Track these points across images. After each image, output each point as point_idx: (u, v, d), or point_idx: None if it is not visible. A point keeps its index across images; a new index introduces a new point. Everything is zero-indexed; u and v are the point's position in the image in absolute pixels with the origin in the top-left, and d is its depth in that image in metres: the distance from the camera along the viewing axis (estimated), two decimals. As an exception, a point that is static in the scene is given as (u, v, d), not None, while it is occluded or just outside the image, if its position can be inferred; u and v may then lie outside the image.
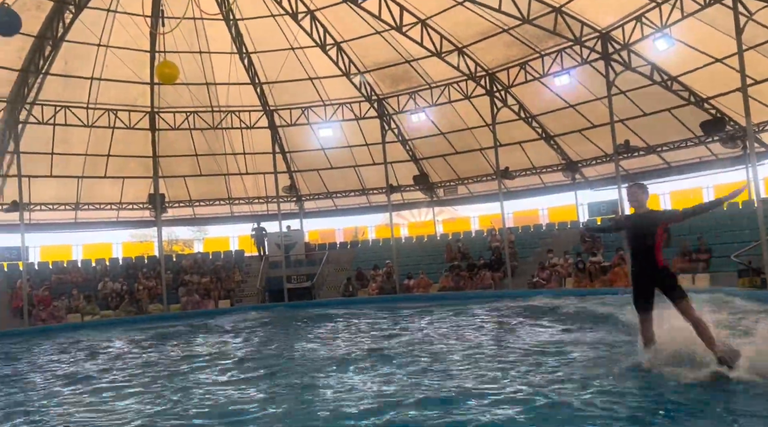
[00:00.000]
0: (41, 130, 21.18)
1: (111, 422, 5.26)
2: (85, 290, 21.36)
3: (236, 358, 8.70)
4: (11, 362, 10.77)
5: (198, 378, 7.19)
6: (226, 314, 18.54)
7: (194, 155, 24.59)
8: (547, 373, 5.96)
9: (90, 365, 9.27)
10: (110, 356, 10.40)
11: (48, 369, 9.28)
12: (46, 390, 7.23)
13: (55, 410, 5.90)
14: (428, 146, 24.57)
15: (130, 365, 8.88)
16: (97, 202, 24.32)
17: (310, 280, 23.44)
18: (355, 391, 5.69)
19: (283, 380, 6.55)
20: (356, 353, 8.19)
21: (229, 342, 11.31)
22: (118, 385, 7.18)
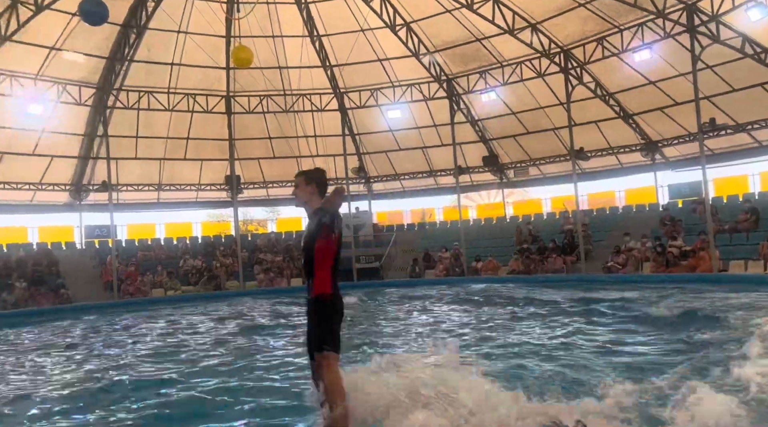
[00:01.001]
0: (127, 115, 22.41)
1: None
2: (168, 267, 22.59)
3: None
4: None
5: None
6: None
7: (267, 138, 25.29)
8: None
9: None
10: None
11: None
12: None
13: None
14: (498, 126, 24.10)
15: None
16: (177, 183, 25.52)
17: (378, 260, 23.74)
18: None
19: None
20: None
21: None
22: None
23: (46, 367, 7.82)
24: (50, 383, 6.55)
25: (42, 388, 6.31)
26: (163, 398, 5.46)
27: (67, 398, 5.68)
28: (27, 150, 21.63)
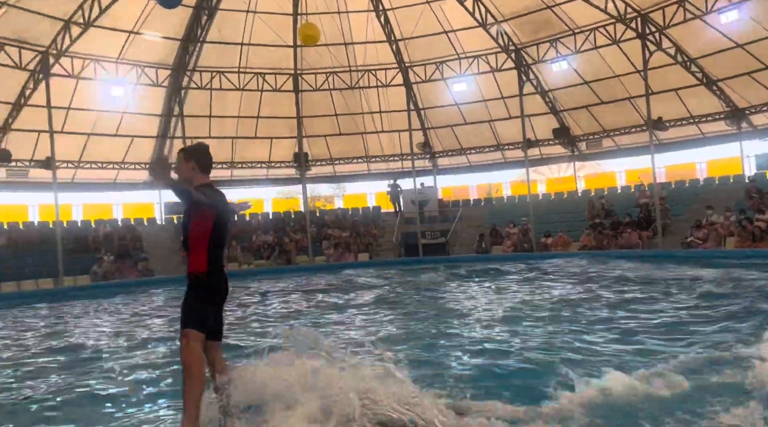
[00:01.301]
0: (200, 95, 23.21)
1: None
2: (242, 241, 23.46)
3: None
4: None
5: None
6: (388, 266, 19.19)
7: (334, 115, 25.55)
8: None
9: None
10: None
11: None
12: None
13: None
14: (570, 97, 23.25)
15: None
16: (249, 161, 26.30)
17: (444, 236, 23.66)
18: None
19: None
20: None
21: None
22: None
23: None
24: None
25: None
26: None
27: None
28: (110, 131, 22.87)
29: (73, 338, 8.29)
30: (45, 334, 8.93)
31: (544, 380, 4.28)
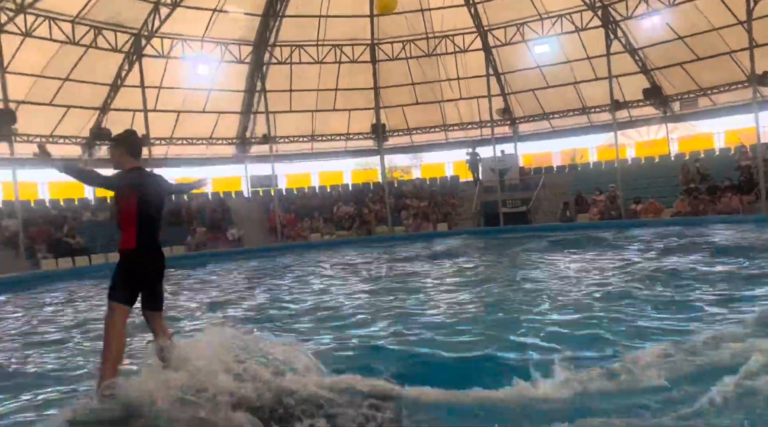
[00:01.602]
0: (281, 70, 23.71)
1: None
2: (323, 213, 24.04)
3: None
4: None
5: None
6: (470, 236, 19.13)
7: (411, 84, 25.35)
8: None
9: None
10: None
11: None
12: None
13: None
14: (662, 55, 21.78)
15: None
16: (328, 133, 26.72)
17: (525, 204, 23.12)
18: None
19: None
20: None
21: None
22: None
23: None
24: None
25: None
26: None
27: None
28: (198, 108, 23.90)
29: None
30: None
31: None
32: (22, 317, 8.56)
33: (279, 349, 3.96)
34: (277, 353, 3.88)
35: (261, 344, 4.06)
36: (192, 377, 3.49)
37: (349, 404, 3.25)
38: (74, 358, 5.43)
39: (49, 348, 5.95)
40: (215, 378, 3.46)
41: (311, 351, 4.30)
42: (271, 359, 3.81)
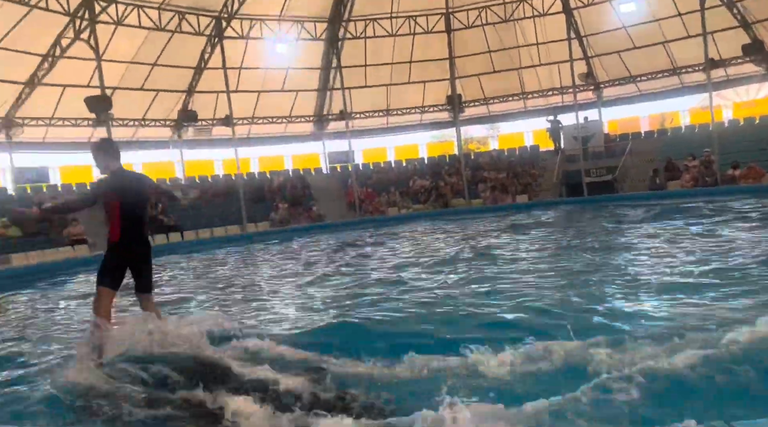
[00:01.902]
0: (355, 45, 23.75)
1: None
2: (400, 187, 24.12)
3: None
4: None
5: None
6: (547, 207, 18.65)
7: (487, 52, 24.70)
8: None
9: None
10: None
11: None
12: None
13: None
14: (766, 6, 19.94)
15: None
16: (403, 107, 26.62)
17: (611, 173, 22.13)
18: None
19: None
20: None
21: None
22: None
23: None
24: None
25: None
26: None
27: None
28: (277, 87, 24.46)
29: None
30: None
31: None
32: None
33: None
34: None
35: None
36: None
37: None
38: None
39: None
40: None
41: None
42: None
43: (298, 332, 4.90)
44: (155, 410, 3.23)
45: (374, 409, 3.05)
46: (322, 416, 2.90)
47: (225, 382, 3.53)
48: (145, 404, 3.31)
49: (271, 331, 5.01)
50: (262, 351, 4.18)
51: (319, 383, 3.41)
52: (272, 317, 5.82)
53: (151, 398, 3.39)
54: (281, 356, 4.05)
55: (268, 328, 5.24)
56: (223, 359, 3.94)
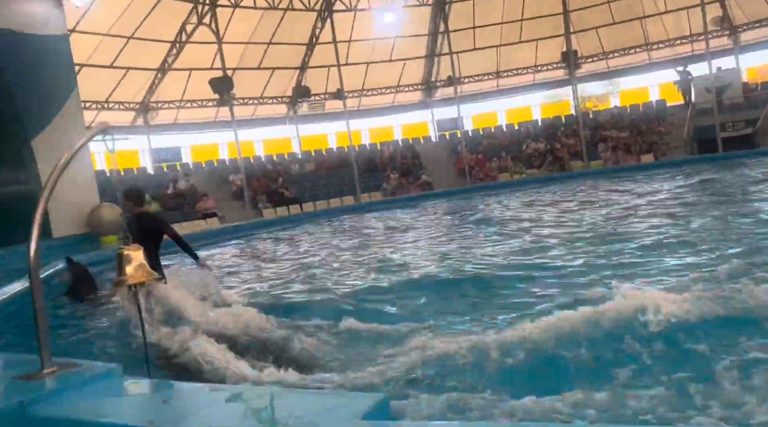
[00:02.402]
0: (463, 7, 23.15)
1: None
2: (512, 152, 23.47)
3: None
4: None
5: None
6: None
7: (605, 3, 23.04)
8: None
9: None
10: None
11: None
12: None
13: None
14: None
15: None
16: (514, 68, 25.69)
17: (750, 126, 19.98)
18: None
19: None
20: None
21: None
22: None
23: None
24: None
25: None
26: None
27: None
28: (385, 57, 24.58)
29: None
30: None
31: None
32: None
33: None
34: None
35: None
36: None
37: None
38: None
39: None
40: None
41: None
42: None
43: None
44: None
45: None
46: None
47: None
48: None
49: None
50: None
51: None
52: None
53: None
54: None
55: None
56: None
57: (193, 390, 2.35)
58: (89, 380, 2.27)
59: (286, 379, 3.23)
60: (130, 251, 2.64)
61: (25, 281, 6.26)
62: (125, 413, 1.98)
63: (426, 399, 2.72)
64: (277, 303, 5.64)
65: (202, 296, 5.51)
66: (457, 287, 5.30)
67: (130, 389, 2.31)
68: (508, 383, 2.86)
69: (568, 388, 2.66)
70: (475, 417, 2.57)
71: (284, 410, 1.78)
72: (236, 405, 1.88)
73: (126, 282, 2.58)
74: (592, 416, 2.43)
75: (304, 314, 4.86)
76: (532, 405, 2.55)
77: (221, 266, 9.02)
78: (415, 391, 2.89)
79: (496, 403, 2.64)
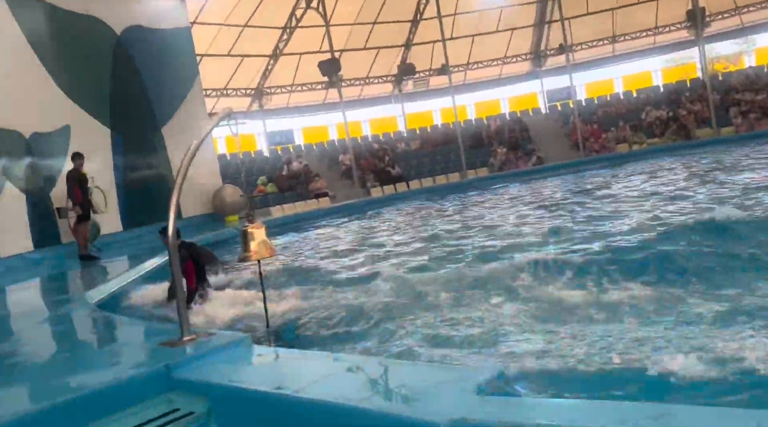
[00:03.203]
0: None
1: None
2: (630, 121, 22.01)
3: None
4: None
5: None
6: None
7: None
8: None
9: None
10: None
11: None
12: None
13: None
14: None
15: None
16: (631, 31, 23.97)
17: None
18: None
19: None
20: None
21: None
22: None
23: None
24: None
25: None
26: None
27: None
28: (491, 28, 23.90)
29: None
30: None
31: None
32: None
33: None
34: None
35: None
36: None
37: None
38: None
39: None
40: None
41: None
42: None
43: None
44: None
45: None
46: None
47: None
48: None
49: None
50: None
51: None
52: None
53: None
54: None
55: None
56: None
57: (316, 358, 2.50)
58: (223, 348, 2.49)
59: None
60: (254, 229, 2.82)
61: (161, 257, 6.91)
62: (255, 379, 2.14)
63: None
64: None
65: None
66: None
67: (258, 357, 2.50)
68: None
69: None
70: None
71: (400, 381, 1.84)
72: (355, 375, 1.97)
73: (250, 258, 2.77)
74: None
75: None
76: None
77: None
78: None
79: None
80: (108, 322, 3.87)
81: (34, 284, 7.16)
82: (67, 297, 5.37)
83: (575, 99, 23.03)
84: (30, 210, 9.42)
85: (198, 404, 2.14)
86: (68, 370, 2.68)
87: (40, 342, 3.61)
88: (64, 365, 2.89)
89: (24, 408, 2.16)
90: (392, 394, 1.73)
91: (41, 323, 4.21)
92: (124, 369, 2.45)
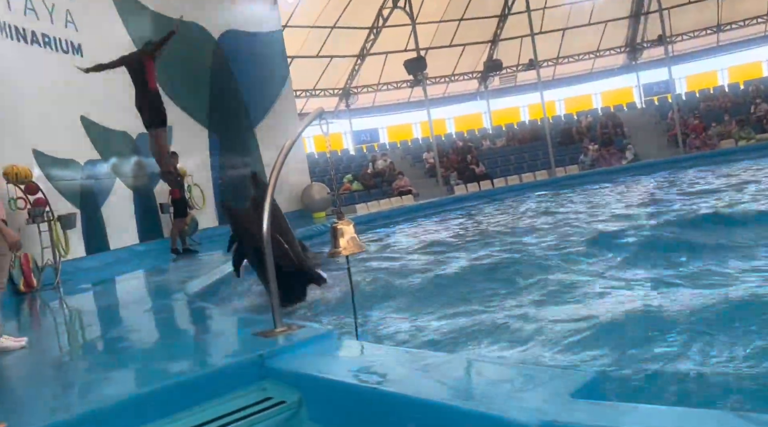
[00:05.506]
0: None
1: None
2: (736, 115, 20.43)
3: None
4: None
5: None
6: None
7: None
8: None
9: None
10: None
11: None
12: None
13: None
14: None
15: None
16: (739, 19, 22.23)
17: None
18: None
19: None
20: None
21: None
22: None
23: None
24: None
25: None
26: None
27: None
28: (583, 21, 22.99)
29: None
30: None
31: None
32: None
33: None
34: None
35: None
36: None
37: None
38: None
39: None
40: None
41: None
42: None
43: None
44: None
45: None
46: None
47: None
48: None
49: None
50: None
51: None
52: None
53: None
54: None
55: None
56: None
57: (397, 354, 2.52)
58: (312, 340, 2.57)
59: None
60: (343, 225, 2.88)
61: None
62: (341, 371, 2.19)
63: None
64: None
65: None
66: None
67: (344, 350, 2.56)
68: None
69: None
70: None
71: (487, 380, 1.82)
72: (441, 371, 1.97)
73: (340, 254, 2.84)
74: None
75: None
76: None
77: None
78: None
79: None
80: (204, 312, 4.10)
81: (138, 276, 7.70)
82: (168, 288, 5.73)
83: (674, 93, 21.69)
84: (136, 205, 10.13)
85: (289, 394, 2.22)
86: (168, 357, 2.86)
87: (144, 330, 3.88)
88: (165, 352, 3.09)
89: (127, 390, 2.32)
90: (479, 392, 1.71)
91: (145, 313, 4.53)
92: (220, 358, 2.58)
